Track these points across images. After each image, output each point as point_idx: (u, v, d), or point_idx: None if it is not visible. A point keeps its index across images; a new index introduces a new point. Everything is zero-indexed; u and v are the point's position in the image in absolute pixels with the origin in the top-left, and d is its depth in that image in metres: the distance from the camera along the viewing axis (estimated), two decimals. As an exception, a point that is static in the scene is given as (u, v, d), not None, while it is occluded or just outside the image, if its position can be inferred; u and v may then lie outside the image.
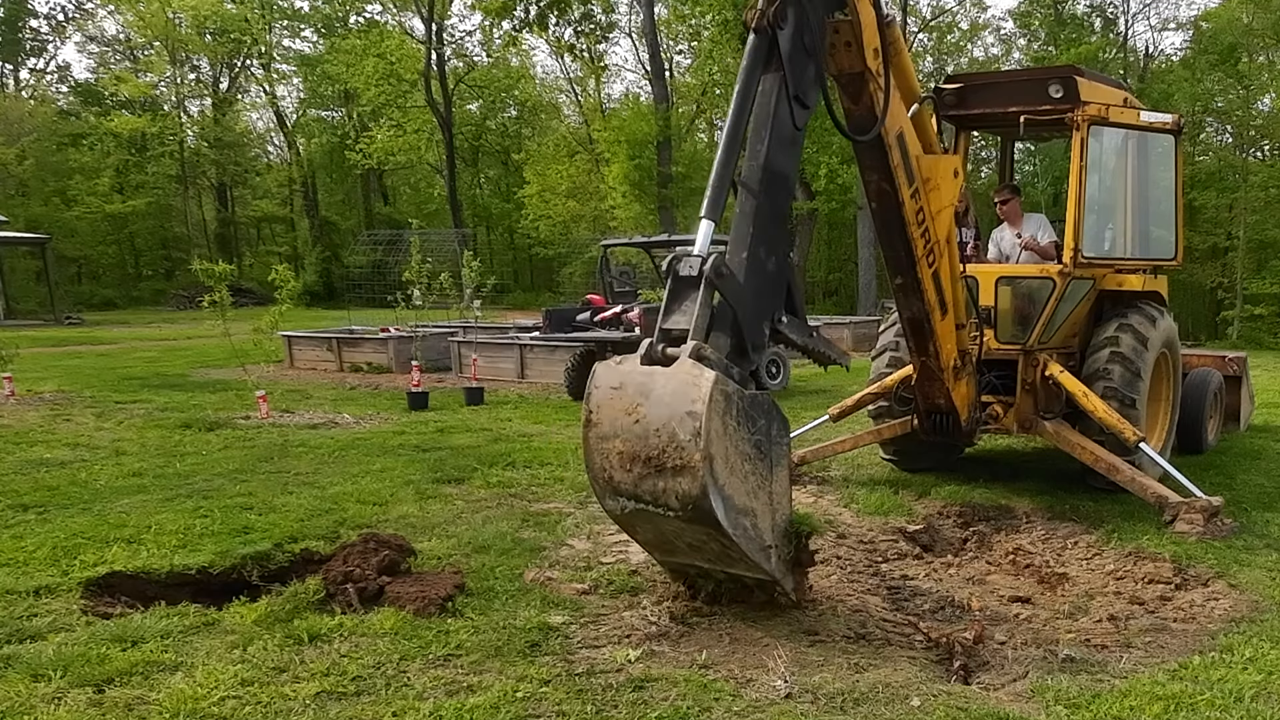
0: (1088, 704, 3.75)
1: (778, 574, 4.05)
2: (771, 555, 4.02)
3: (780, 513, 4.12)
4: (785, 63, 4.32)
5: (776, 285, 4.41)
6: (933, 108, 5.87)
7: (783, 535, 4.11)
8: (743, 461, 3.91)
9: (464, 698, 3.60)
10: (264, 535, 5.62)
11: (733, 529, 3.84)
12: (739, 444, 3.88)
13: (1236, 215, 29.18)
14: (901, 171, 5.38)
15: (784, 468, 4.13)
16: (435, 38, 41.68)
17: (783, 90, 4.34)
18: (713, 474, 3.71)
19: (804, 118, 4.46)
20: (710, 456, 3.70)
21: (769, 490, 4.04)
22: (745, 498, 3.90)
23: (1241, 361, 9.49)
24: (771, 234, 4.34)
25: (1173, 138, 7.60)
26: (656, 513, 3.88)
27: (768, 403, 4.07)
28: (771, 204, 4.34)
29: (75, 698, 3.55)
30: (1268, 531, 6.17)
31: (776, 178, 4.34)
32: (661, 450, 3.76)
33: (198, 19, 42.72)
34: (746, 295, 4.19)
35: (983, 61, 42.15)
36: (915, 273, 5.74)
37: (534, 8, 30.18)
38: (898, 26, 5.44)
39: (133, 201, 42.62)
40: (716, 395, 3.74)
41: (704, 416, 3.66)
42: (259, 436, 9.38)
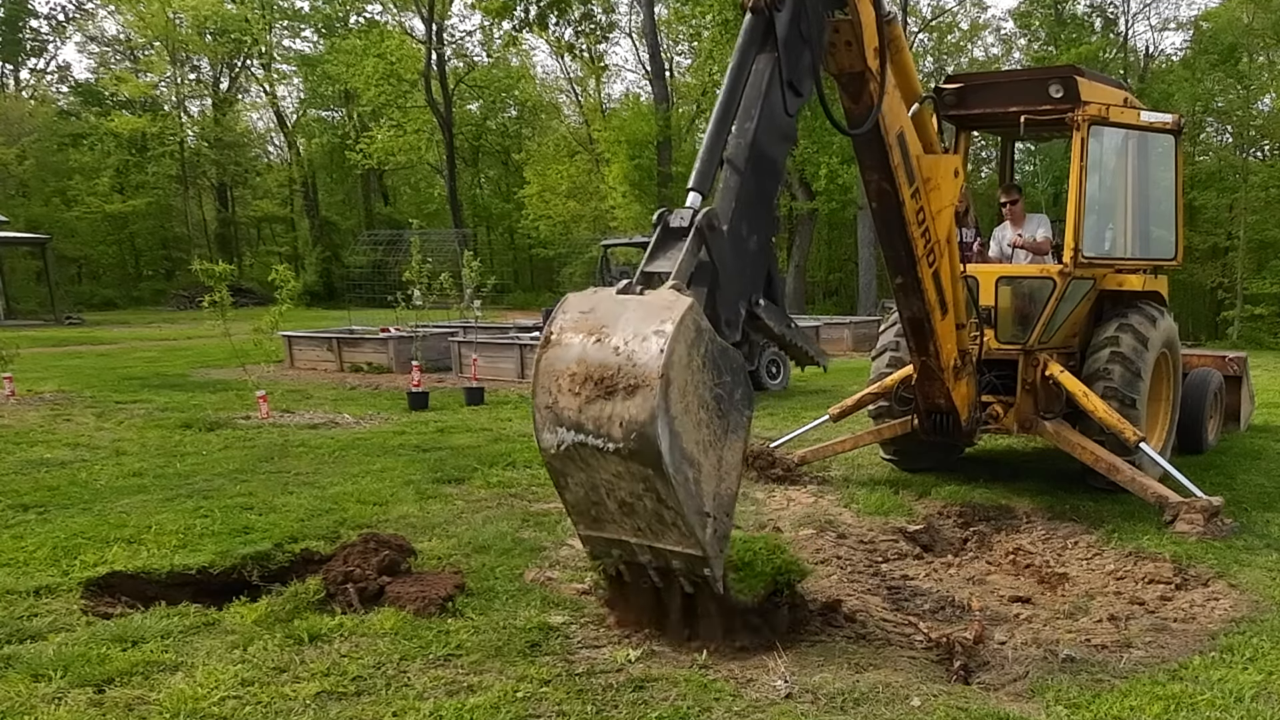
0: (1088, 704, 3.75)
1: (710, 550, 3.70)
2: (708, 526, 3.70)
3: (726, 485, 3.80)
4: (780, 46, 4.26)
5: (757, 266, 4.23)
6: (933, 108, 5.86)
7: (724, 513, 3.79)
8: (700, 407, 3.61)
9: (464, 698, 3.60)
10: (264, 535, 5.62)
11: (674, 470, 3.50)
12: (699, 386, 3.59)
13: (1236, 215, 29.21)
14: (902, 171, 5.37)
15: (740, 440, 3.84)
16: (435, 38, 41.70)
17: (776, 73, 4.28)
18: (666, 400, 3.41)
19: (796, 105, 4.39)
20: (668, 381, 3.41)
21: (720, 453, 3.74)
22: (694, 446, 3.59)
23: (1241, 361, 9.49)
24: (755, 214, 4.20)
25: (1173, 138, 7.60)
26: (595, 448, 3.57)
27: (740, 364, 3.81)
28: (758, 184, 4.22)
29: (75, 698, 3.55)
30: (1268, 531, 6.17)
31: (764, 159, 4.23)
32: (618, 369, 3.47)
33: (198, 19, 42.72)
34: (731, 266, 4.01)
35: (983, 61, 42.17)
36: (915, 272, 5.74)
37: (534, 8, 30.21)
38: (899, 25, 5.44)
39: (133, 201, 42.63)
40: (689, 321, 3.50)
41: (670, 337, 3.41)
42: (259, 436, 9.38)
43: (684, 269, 3.76)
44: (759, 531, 6.05)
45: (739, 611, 4.17)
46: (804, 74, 4.41)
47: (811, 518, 6.53)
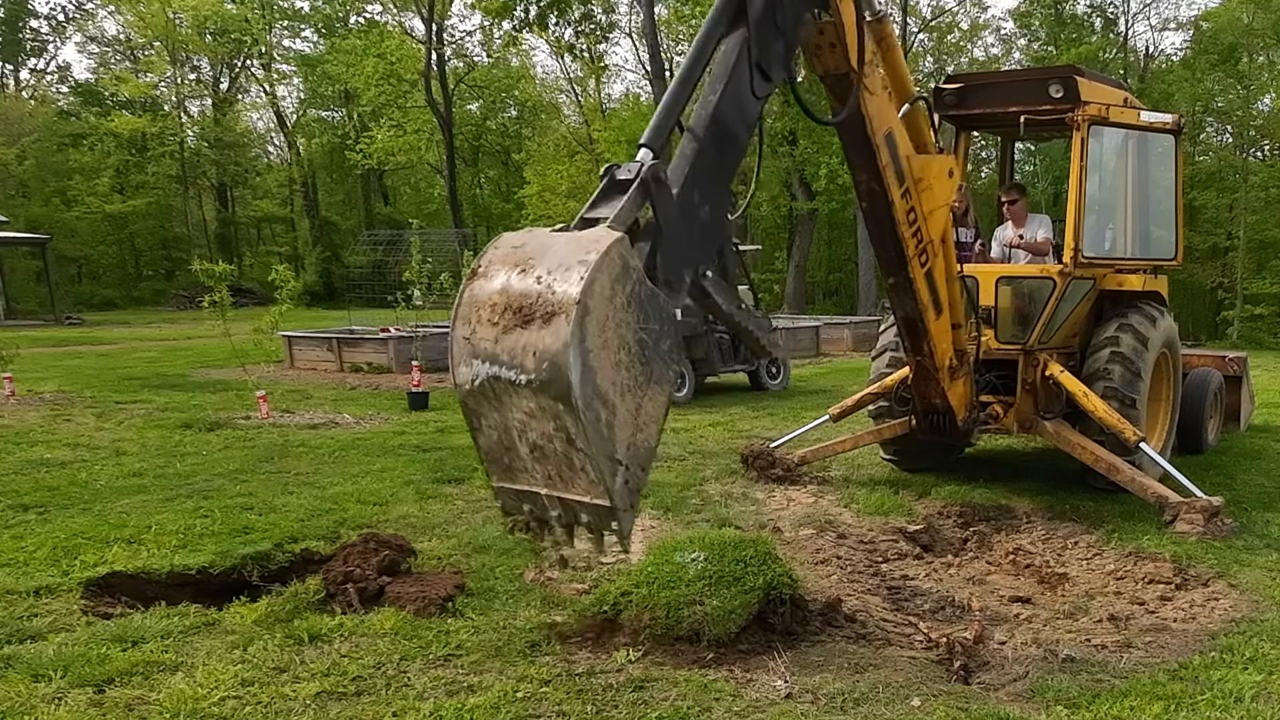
0: (1088, 704, 3.75)
1: (618, 500, 3.50)
2: (619, 474, 3.51)
3: (644, 437, 3.60)
4: (751, 28, 4.22)
5: (708, 236, 4.12)
6: (926, 109, 5.85)
7: (639, 466, 3.60)
8: (620, 348, 3.44)
9: (464, 698, 3.60)
10: (264, 535, 5.62)
11: (584, 405, 3.34)
12: (621, 325, 3.42)
13: (1236, 215, 29.21)
14: (891, 171, 5.36)
15: (663, 393, 3.65)
16: (435, 38, 41.67)
17: (745, 53, 4.22)
18: (582, 329, 3.28)
19: (764, 89, 4.32)
20: (586, 309, 3.26)
21: (639, 401, 3.57)
22: (609, 386, 3.43)
23: (1241, 361, 9.48)
24: (710, 184, 4.10)
25: (1173, 138, 7.60)
26: (508, 381, 3.43)
27: (670, 314, 3.67)
28: (716, 155, 4.13)
29: (75, 698, 3.55)
30: (1268, 531, 6.17)
31: (724, 132, 4.16)
32: (537, 297, 3.35)
33: (198, 19, 42.71)
34: (676, 224, 3.90)
35: (983, 61, 42.16)
36: (907, 272, 5.74)
37: (534, 8, 30.17)
38: (890, 23, 5.43)
39: (133, 201, 42.64)
40: (615, 254, 3.36)
41: (593, 266, 3.28)
42: (259, 437, 9.38)
43: (623, 215, 3.66)
44: (759, 532, 6.06)
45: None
46: (774, 59, 4.35)
47: (811, 518, 6.53)
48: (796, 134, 29.61)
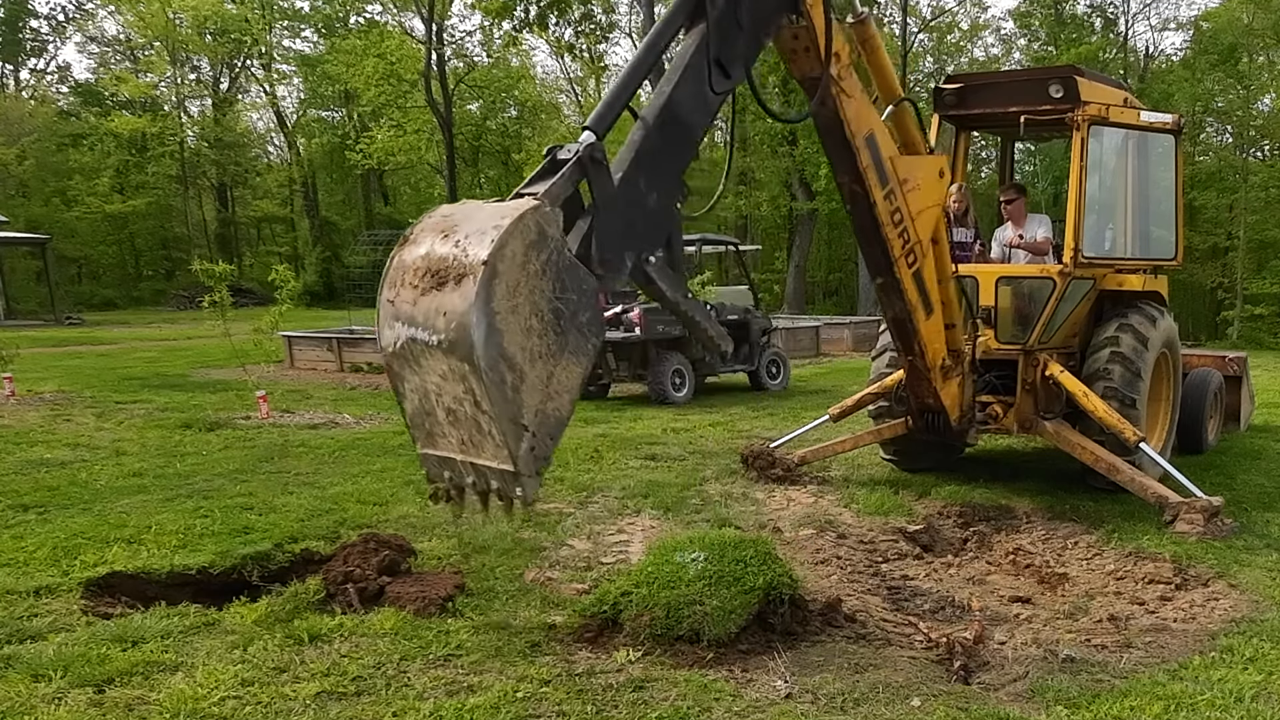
0: (1088, 704, 3.75)
1: (522, 465, 3.52)
2: (524, 439, 3.51)
3: (554, 406, 3.58)
4: (711, 25, 4.23)
5: (654, 223, 4.13)
6: (914, 110, 5.86)
7: (547, 435, 3.59)
8: (533, 314, 3.46)
9: (464, 698, 3.60)
10: (264, 535, 5.62)
11: (488, 366, 3.35)
12: (535, 292, 3.45)
13: (1236, 215, 29.21)
14: (873, 173, 5.36)
15: (579, 365, 3.63)
16: (435, 38, 41.66)
17: (704, 47, 4.25)
18: (488, 291, 3.30)
19: (723, 85, 4.33)
20: (494, 272, 3.30)
21: (551, 369, 3.56)
22: (518, 351, 3.43)
23: (1241, 361, 9.48)
24: (659, 172, 4.12)
25: (1173, 138, 7.60)
26: (424, 342, 3.49)
27: (591, 287, 3.66)
28: (665, 143, 4.16)
29: (75, 698, 3.55)
30: (1268, 531, 6.17)
31: (676, 121, 4.18)
32: (453, 260, 3.41)
33: (198, 19, 42.72)
34: (614, 206, 3.91)
35: (983, 61, 42.18)
36: (894, 273, 5.75)
37: (534, 8, 30.16)
38: (872, 24, 5.43)
39: (133, 202, 42.65)
40: (529, 221, 3.40)
41: (505, 230, 3.33)
42: (259, 437, 9.38)
43: (554, 191, 3.68)
44: (759, 532, 6.06)
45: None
46: (735, 58, 4.35)
47: (811, 518, 6.53)
48: (796, 134, 29.61)
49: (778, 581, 4.37)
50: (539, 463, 3.58)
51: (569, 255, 3.55)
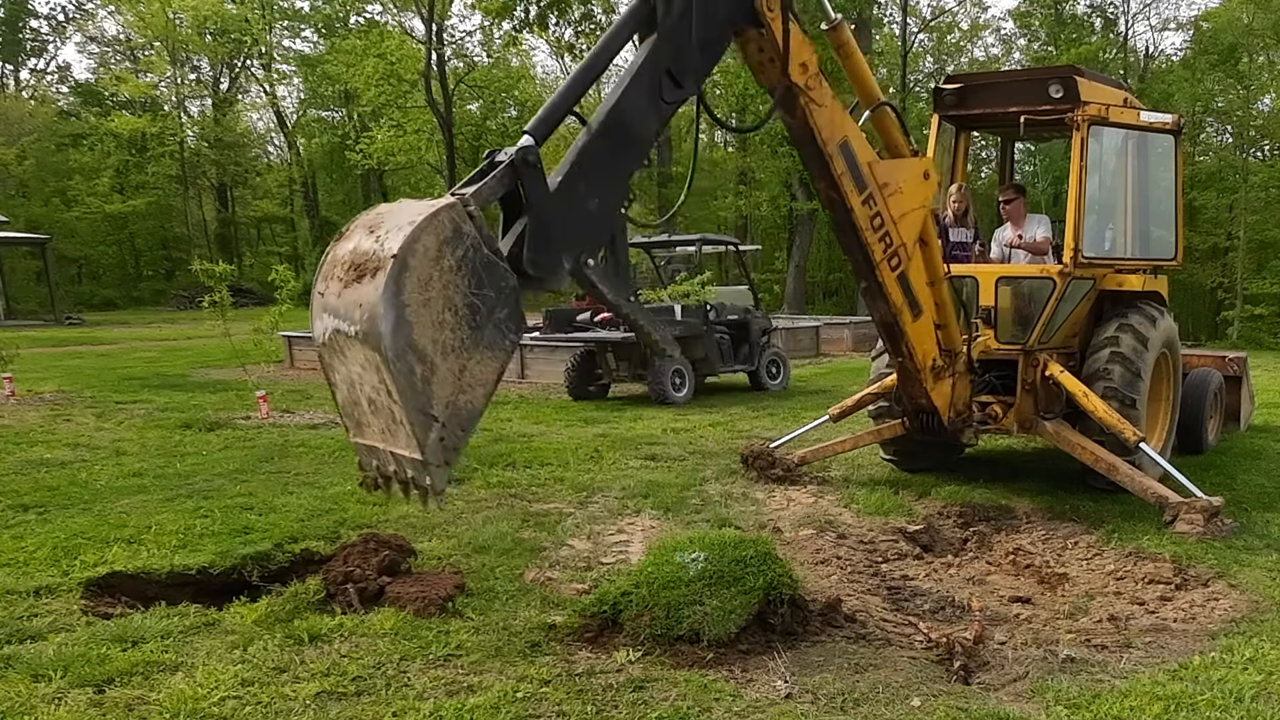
0: (1088, 704, 3.75)
1: (430, 455, 3.59)
2: (433, 431, 3.57)
3: (467, 399, 3.64)
4: (662, 35, 4.28)
5: (594, 226, 4.18)
6: (894, 114, 5.86)
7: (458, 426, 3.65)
8: (446, 308, 3.53)
9: (464, 698, 3.60)
10: (264, 535, 5.62)
11: (395, 356, 3.44)
12: (449, 286, 3.52)
13: (1236, 215, 29.20)
14: (848, 180, 5.37)
15: (495, 360, 3.69)
16: (435, 38, 41.63)
17: (654, 57, 4.29)
18: (398, 283, 3.39)
19: (674, 94, 4.36)
20: (404, 265, 3.40)
21: (464, 363, 3.63)
22: (428, 343, 3.51)
23: (1241, 361, 9.48)
24: (600, 176, 4.17)
25: (1173, 138, 7.60)
26: (345, 333, 3.61)
27: (511, 287, 3.71)
28: (609, 149, 4.20)
29: (75, 698, 3.55)
30: (1268, 531, 6.17)
31: (620, 127, 4.22)
32: (371, 254, 3.50)
33: (198, 19, 42.72)
34: (549, 208, 3.98)
35: (983, 61, 42.18)
36: (876, 277, 5.77)
37: (534, 8, 30.15)
38: (845, 29, 5.43)
39: (133, 202, 42.64)
40: (444, 218, 3.49)
41: (418, 225, 3.43)
42: (259, 437, 9.38)
43: (484, 192, 3.77)
44: (759, 532, 6.06)
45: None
46: (687, 70, 4.38)
47: (811, 518, 6.53)
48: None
49: (778, 581, 4.36)
50: (448, 453, 3.64)
51: (487, 253, 3.61)
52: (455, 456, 3.66)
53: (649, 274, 17.96)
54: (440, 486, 3.64)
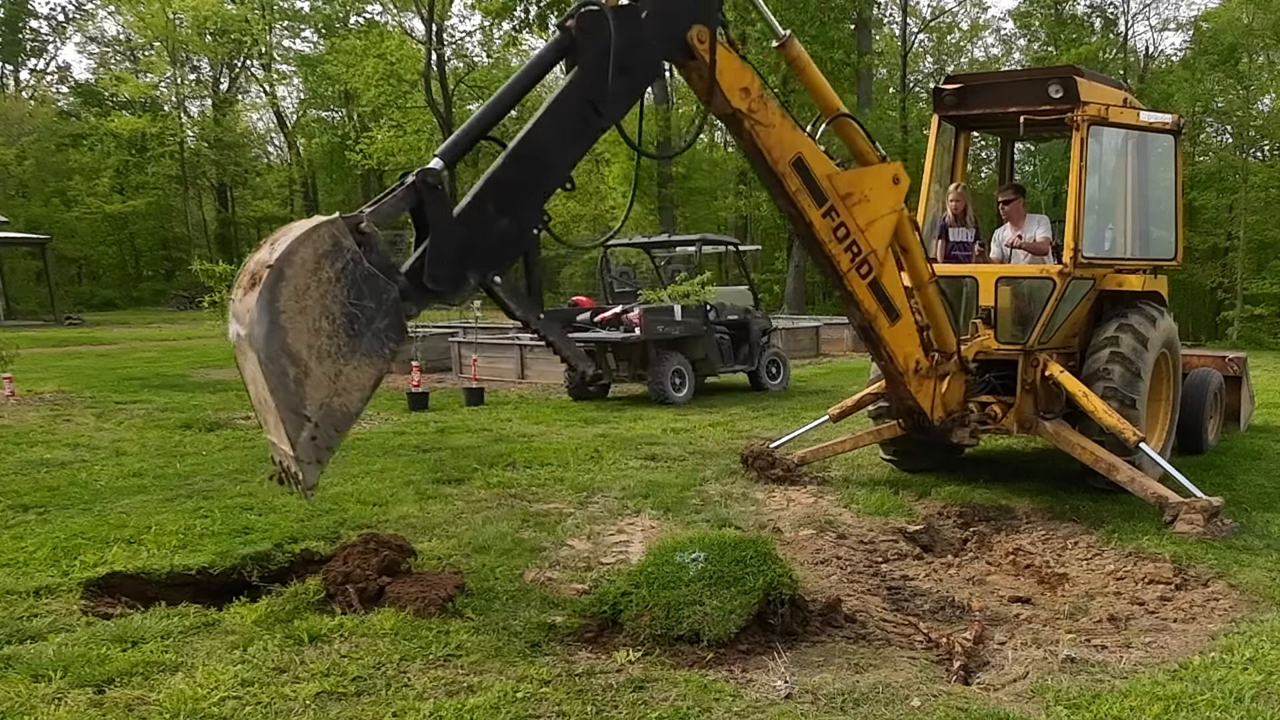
0: (1088, 704, 3.75)
1: (300, 452, 3.80)
2: (305, 428, 3.79)
3: (341, 402, 3.87)
4: (585, 66, 4.42)
5: (500, 244, 4.36)
6: (855, 122, 5.86)
7: (331, 427, 3.87)
8: (323, 316, 3.77)
9: (464, 698, 3.60)
10: (264, 535, 5.62)
11: (268, 358, 3.68)
12: (326, 296, 3.77)
13: (1236, 215, 29.17)
14: (805, 196, 5.43)
15: (373, 366, 3.93)
16: (435, 38, 41.66)
17: (575, 87, 4.43)
18: (274, 291, 3.65)
19: (596, 123, 4.50)
20: (280, 274, 3.65)
21: (340, 368, 3.84)
22: (303, 347, 3.74)
23: (1241, 362, 9.49)
24: (512, 199, 4.35)
25: (1172, 138, 7.60)
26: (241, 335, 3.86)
27: (392, 299, 3.94)
28: (521, 173, 4.37)
29: (75, 698, 3.55)
30: (1268, 531, 6.17)
31: (534, 154, 4.39)
32: (263, 264, 3.74)
33: (198, 19, 42.73)
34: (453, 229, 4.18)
35: (983, 62, 42.19)
36: (845, 286, 5.83)
37: (534, 8, 30.18)
38: (795, 44, 5.46)
39: (133, 202, 42.64)
40: (324, 233, 3.76)
41: (296, 239, 3.69)
42: (259, 437, 9.37)
43: (382, 210, 4.05)
44: (759, 532, 6.06)
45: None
46: (608, 99, 4.48)
47: (811, 518, 6.53)
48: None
49: (778, 581, 4.36)
50: (320, 451, 3.85)
51: (367, 266, 3.86)
52: (327, 455, 3.89)
53: (649, 274, 17.98)
54: (310, 482, 3.86)
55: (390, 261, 3.98)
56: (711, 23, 4.81)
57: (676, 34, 4.74)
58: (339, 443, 3.95)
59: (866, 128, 6.05)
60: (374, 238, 3.95)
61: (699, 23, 4.76)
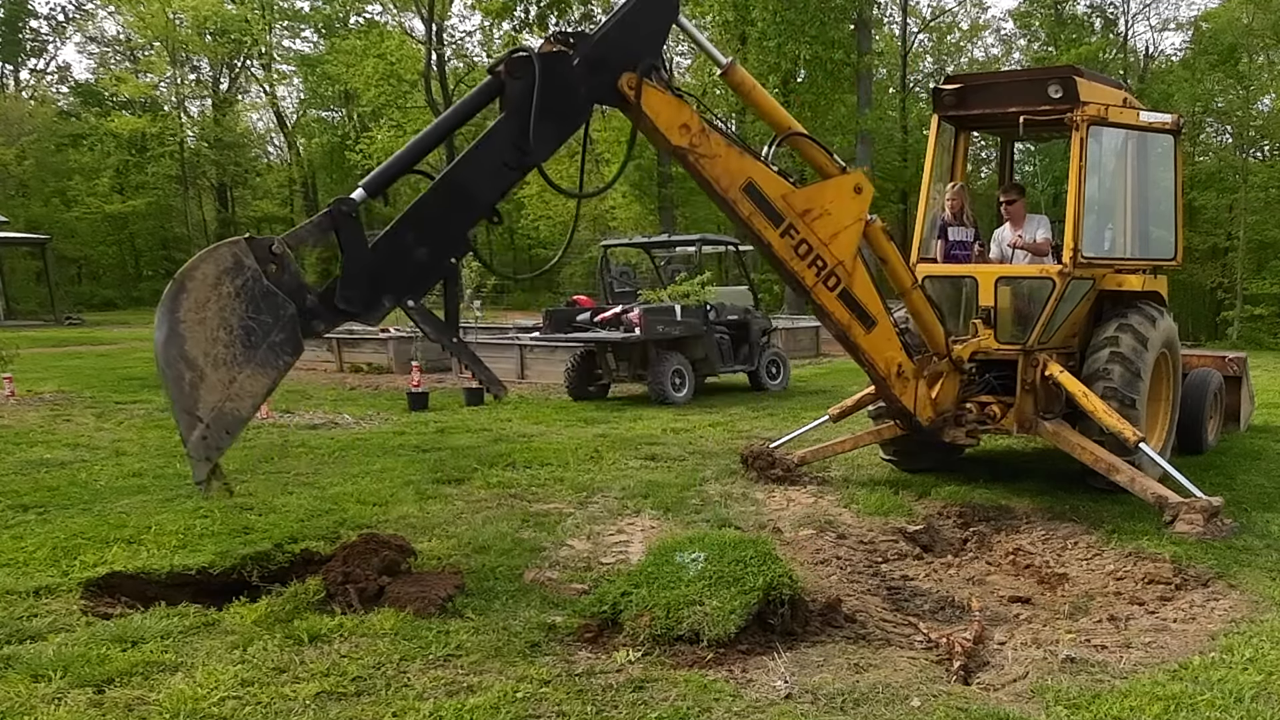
0: (1088, 704, 3.75)
1: (191, 450, 4.09)
2: (196, 429, 4.06)
3: (233, 406, 4.14)
4: (511, 109, 4.62)
5: (416, 271, 4.58)
6: (812, 141, 5.86)
7: (222, 429, 4.13)
8: (221, 327, 4.07)
9: (464, 698, 3.60)
10: (264, 536, 5.62)
11: (165, 363, 4.01)
12: (225, 309, 4.07)
13: (1236, 215, 29.15)
14: (759, 218, 5.48)
15: (267, 376, 4.20)
16: (435, 38, 41.65)
17: (503, 128, 4.65)
18: (175, 301, 3.98)
19: (521, 162, 4.68)
20: (182, 287, 4.00)
21: (234, 375, 4.11)
22: (200, 354, 4.03)
23: (1241, 362, 9.48)
24: (432, 229, 4.58)
25: (1172, 138, 7.60)
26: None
27: (289, 316, 4.24)
28: (445, 207, 4.60)
29: (75, 698, 3.55)
30: (1268, 531, 6.17)
31: (457, 189, 4.63)
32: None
33: (198, 19, 42.70)
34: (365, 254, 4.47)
35: (983, 62, 42.19)
36: (813, 299, 5.88)
37: (534, 8, 30.21)
38: (738, 69, 5.52)
39: (133, 202, 42.60)
40: (225, 252, 4.10)
41: (200, 256, 4.07)
42: (259, 437, 9.37)
43: (299, 234, 4.41)
44: (759, 532, 6.06)
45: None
46: (536, 141, 4.65)
47: (811, 518, 6.53)
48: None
49: (778, 582, 4.36)
50: (210, 450, 4.13)
51: (267, 284, 4.18)
52: (216, 454, 4.17)
53: (649, 274, 17.98)
54: (200, 478, 4.16)
55: (302, 281, 4.32)
56: (644, 70, 4.94)
57: (607, 81, 4.89)
58: (229, 443, 4.21)
59: (822, 141, 6.09)
60: (286, 258, 4.27)
61: (629, 71, 4.89)
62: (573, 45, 4.77)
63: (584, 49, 4.77)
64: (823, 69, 27.34)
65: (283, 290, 4.24)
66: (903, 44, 39.65)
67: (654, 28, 5.05)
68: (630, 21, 4.94)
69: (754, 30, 27.52)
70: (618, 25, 4.92)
